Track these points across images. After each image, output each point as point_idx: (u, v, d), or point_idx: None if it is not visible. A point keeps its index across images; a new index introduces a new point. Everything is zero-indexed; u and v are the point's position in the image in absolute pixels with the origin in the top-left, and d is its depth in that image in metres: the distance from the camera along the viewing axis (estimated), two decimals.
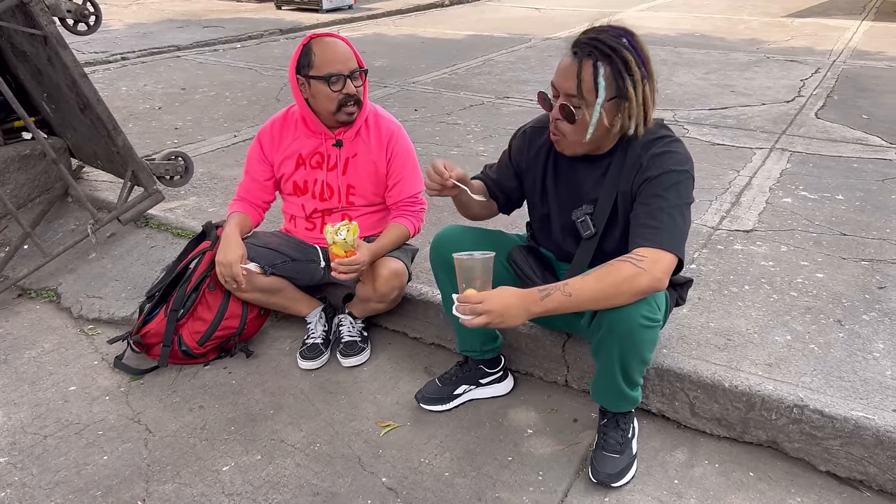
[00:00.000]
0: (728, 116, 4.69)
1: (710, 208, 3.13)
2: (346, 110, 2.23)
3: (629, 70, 1.61)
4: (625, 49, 1.61)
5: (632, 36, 1.64)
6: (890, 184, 3.43)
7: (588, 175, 1.82)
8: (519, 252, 1.99)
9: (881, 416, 1.78)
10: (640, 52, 1.63)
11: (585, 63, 1.62)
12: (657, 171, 1.68)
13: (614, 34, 1.63)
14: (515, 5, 11.32)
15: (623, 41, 1.62)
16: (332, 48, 2.18)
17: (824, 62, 6.43)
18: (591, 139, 1.70)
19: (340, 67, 2.17)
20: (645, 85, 1.63)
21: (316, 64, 2.17)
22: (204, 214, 3.18)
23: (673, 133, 1.76)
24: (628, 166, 1.74)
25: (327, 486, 1.87)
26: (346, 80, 2.18)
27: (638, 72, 1.61)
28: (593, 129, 1.67)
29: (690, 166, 1.72)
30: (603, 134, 1.70)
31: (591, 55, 1.61)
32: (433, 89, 5.64)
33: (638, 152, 1.72)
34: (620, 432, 1.88)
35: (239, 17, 9.82)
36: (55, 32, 2.71)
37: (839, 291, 2.42)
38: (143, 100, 5.37)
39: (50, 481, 1.91)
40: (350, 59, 2.20)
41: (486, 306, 1.60)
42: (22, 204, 3.38)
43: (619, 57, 1.60)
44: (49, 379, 2.36)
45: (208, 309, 2.38)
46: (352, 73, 2.19)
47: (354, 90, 2.21)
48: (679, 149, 1.72)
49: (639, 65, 1.62)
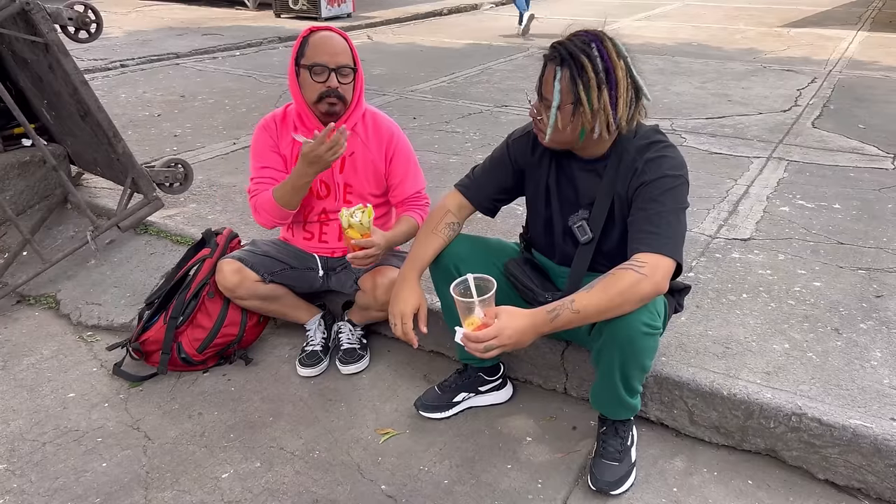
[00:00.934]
0: (725, 125, 4.72)
1: (708, 217, 3.14)
2: (328, 100, 2.21)
3: (584, 76, 1.62)
4: (586, 55, 1.62)
5: (601, 42, 1.64)
6: (886, 193, 3.45)
7: (585, 178, 1.84)
8: (514, 264, 1.99)
9: (879, 425, 1.78)
10: (608, 59, 1.63)
11: (549, 67, 1.68)
12: (652, 175, 1.70)
13: (584, 40, 1.65)
14: (514, 14, 11.35)
15: (592, 47, 1.63)
16: (325, 40, 2.18)
17: (820, 72, 6.47)
18: (559, 139, 1.74)
19: (327, 59, 2.16)
20: (603, 91, 1.63)
21: (307, 53, 2.18)
22: (203, 221, 3.18)
23: (667, 138, 1.78)
24: (623, 170, 1.75)
25: (326, 494, 1.87)
26: (331, 73, 2.18)
27: (594, 78, 1.62)
28: (550, 131, 1.71)
29: (685, 171, 1.74)
30: (567, 136, 1.72)
31: (554, 59, 1.66)
32: (432, 97, 5.66)
33: (633, 156, 1.74)
34: (619, 440, 1.89)
35: (238, 25, 9.85)
36: (56, 40, 2.72)
37: (837, 300, 2.43)
38: (143, 107, 5.38)
39: (49, 488, 1.90)
40: (340, 55, 2.18)
41: (501, 340, 1.59)
42: (21, 210, 3.38)
43: (576, 63, 1.62)
44: (48, 386, 2.35)
45: (208, 316, 2.38)
46: (338, 67, 2.18)
47: (337, 84, 2.19)
48: (674, 154, 1.74)
49: (597, 71, 1.62)
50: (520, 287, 1.95)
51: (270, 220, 2.32)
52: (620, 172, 1.76)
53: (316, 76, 2.17)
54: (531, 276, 1.95)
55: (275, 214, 2.28)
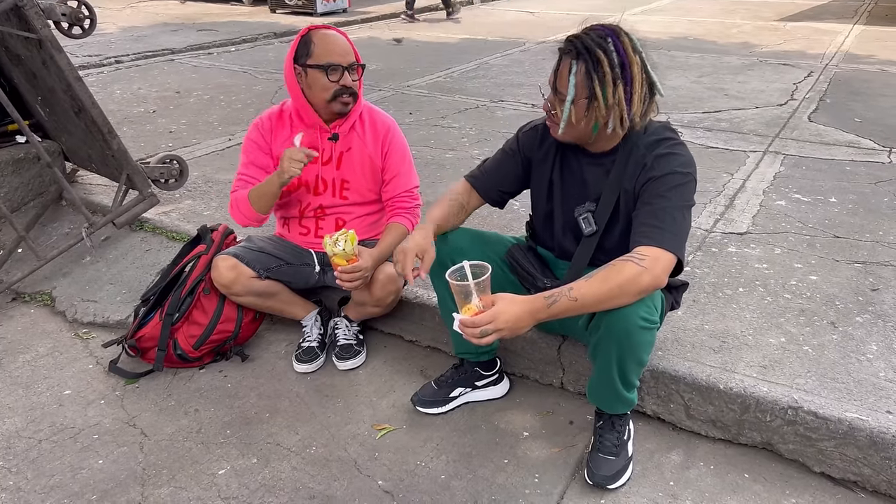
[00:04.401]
0: (721, 120, 4.72)
1: (705, 211, 3.14)
2: (342, 100, 2.24)
3: (600, 70, 1.62)
4: (602, 50, 1.62)
5: (617, 37, 1.64)
6: (882, 186, 3.45)
7: (593, 173, 1.84)
8: (517, 249, 2.02)
9: (875, 418, 1.79)
10: (622, 53, 1.63)
11: (565, 60, 1.67)
12: (661, 171, 1.70)
13: (601, 34, 1.65)
14: (510, 9, 11.35)
15: (608, 41, 1.63)
16: (333, 39, 2.21)
17: (817, 66, 6.47)
18: (573, 133, 1.74)
19: (339, 59, 2.19)
20: (618, 87, 1.63)
21: (315, 53, 2.18)
22: (199, 218, 3.17)
23: (678, 136, 1.78)
24: (632, 165, 1.75)
25: (323, 490, 1.87)
26: (345, 71, 2.21)
27: (609, 73, 1.62)
28: (564, 125, 1.70)
29: (693, 169, 1.74)
30: (581, 131, 1.72)
31: (570, 53, 1.66)
32: (428, 93, 5.65)
33: (642, 152, 1.74)
34: (616, 434, 1.89)
35: (233, 20, 9.82)
36: (50, 36, 2.70)
37: (833, 293, 2.43)
38: (138, 103, 5.36)
39: (45, 485, 1.90)
40: (349, 53, 2.22)
41: (497, 325, 1.58)
42: (16, 208, 3.37)
43: (592, 57, 1.62)
44: (44, 383, 2.35)
45: (203, 313, 2.37)
46: (350, 65, 2.22)
47: (351, 82, 2.23)
48: (683, 151, 1.74)
49: (613, 66, 1.62)
50: (520, 271, 1.96)
51: (243, 220, 2.34)
52: (629, 168, 1.76)
53: (332, 75, 2.19)
54: (533, 262, 1.97)
55: (248, 215, 2.31)
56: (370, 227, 2.46)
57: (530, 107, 5.15)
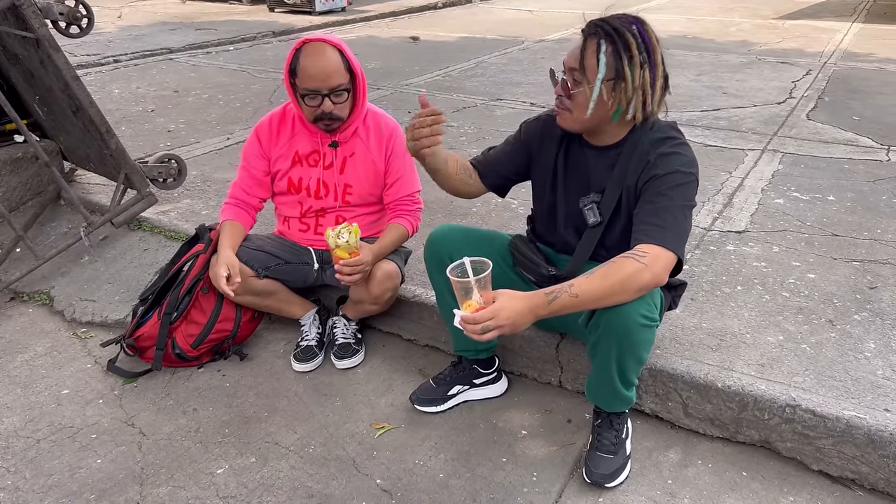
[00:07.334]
0: (720, 118, 4.72)
1: (703, 209, 3.14)
2: (323, 123, 2.24)
3: (629, 52, 1.64)
4: (630, 33, 1.64)
5: (642, 24, 1.68)
6: (881, 184, 3.45)
7: (597, 166, 1.84)
8: (520, 239, 2.04)
9: (872, 416, 1.79)
10: (648, 40, 1.66)
11: (590, 41, 1.67)
12: (664, 170, 1.70)
13: (625, 20, 1.68)
14: (508, 7, 11.34)
15: (633, 27, 1.66)
16: (316, 62, 2.12)
17: (815, 64, 6.46)
18: (593, 117, 1.73)
19: (319, 85, 2.13)
20: (644, 70, 1.66)
21: (299, 76, 2.15)
22: (197, 217, 3.17)
23: (682, 136, 1.79)
24: (635, 161, 1.76)
25: (322, 488, 1.87)
26: (324, 98, 2.16)
27: (638, 56, 1.64)
28: (594, 105, 1.70)
29: (696, 170, 1.74)
30: (603, 114, 1.72)
31: (597, 34, 1.67)
32: (426, 91, 5.64)
33: (646, 148, 1.74)
34: (614, 433, 1.89)
35: (231, 19, 9.81)
36: (47, 35, 2.70)
37: (831, 292, 2.44)
38: (136, 102, 5.36)
39: (43, 485, 1.90)
40: (333, 76, 2.14)
41: (498, 321, 1.58)
42: (14, 207, 3.37)
43: (621, 38, 1.64)
44: (42, 382, 2.35)
45: (202, 312, 2.37)
46: (332, 90, 2.15)
47: (331, 107, 2.18)
48: (687, 152, 1.75)
49: (640, 50, 1.64)
50: (523, 261, 1.97)
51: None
52: (632, 164, 1.76)
53: (309, 102, 2.17)
54: (535, 252, 1.98)
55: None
56: (370, 225, 2.46)
57: (529, 105, 5.14)
